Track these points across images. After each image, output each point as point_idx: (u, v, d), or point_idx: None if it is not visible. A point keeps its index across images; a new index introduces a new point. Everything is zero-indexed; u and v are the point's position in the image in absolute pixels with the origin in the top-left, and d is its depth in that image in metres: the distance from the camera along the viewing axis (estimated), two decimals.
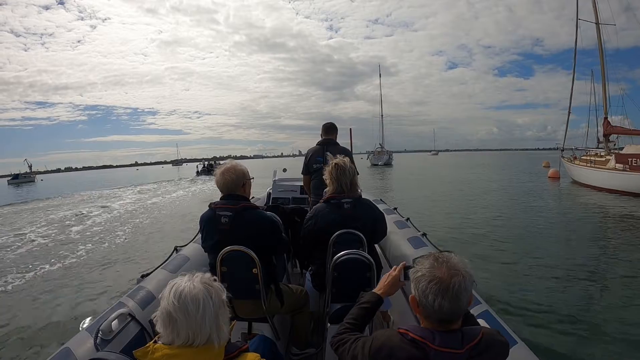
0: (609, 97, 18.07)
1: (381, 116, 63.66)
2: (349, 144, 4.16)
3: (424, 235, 2.98)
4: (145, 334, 1.81)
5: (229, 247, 1.84)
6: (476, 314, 1.67)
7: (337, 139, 3.57)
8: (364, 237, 2.04)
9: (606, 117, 17.84)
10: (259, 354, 1.06)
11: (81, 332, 1.67)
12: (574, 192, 15.26)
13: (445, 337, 0.95)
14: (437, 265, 0.99)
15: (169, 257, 2.68)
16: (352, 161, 2.90)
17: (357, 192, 2.22)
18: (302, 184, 3.91)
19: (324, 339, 2.08)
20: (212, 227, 1.95)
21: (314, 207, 2.24)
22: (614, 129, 17.42)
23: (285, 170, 22.54)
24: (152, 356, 0.96)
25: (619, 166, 13.75)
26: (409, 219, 3.55)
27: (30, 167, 71.97)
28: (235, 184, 1.97)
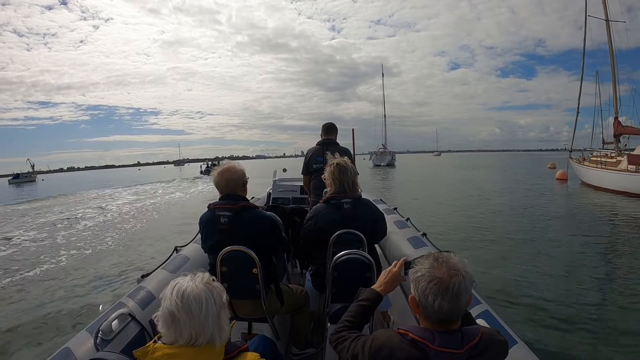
0: (619, 96, 17.58)
1: (384, 116, 62.68)
2: (351, 145, 4.15)
3: (424, 235, 2.98)
4: (145, 334, 1.81)
5: (229, 247, 1.84)
6: (476, 314, 1.67)
7: (340, 140, 3.57)
8: (364, 237, 2.04)
9: (617, 117, 17.32)
10: (258, 354, 1.06)
11: (81, 332, 1.67)
12: (584, 194, 14.73)
13: (445, 337, 0.95)
14: (437, 265, 0.99)
15: (169, 257, 2.68)
16: (352, 161, 2.91)
17: (357, 192, 2.22)
18: (302, 184, 3.91)
19: (324, 339, 2.08)
20: (211, 227, 1.95)
21: (314, 207, 2.24)
22: (625, 129, 16.91)
23: (285, 170, 22.52)
24: (152, 356, 0.96)
25: (632, 167, 13.27)
26: (409, 219, 3.55)
27: (32, 166, 71.76)
28: (235, 184, 1.97)
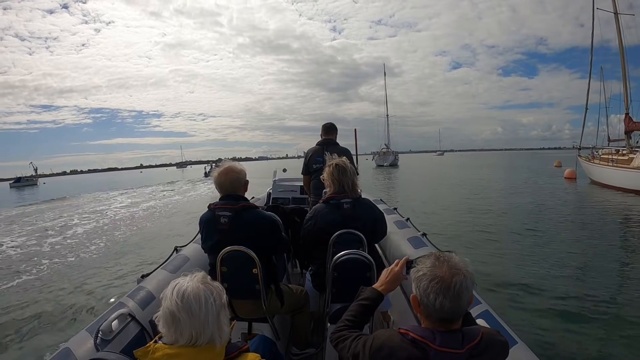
0: (629, 91, 16.92)
1: (387, 116, 61.61)
2: (354, 145, 4.14)
3: (424, 235, 2.98)
4: (145, 334, 1.81)
5: (229, 247, 1.84)
6: (476, 313, 1.67)
7: (342, 140, 3.57)
8: (363, 237, 2.04)
9: (627, 113, 16.74)
10: (259, 354, 1.06)
11: (81, 332, 1.67)
12: (595, 193, 14.16)
13: (445, 337, 0.95)
14: (439, 264, 0.99)
15: (169, 257, 2.68)
16: (352, 162, 2.91)
17: (357, 192, 2.22)
18: (302, 184, 3.91)
19: (324, 339, 2.08)
20: (211, 227, 1.95)
21: (314, 207, 2.24)
22: (637, 125, 16.32)
23: (285, 170, 22.52)
24: (152, 356, 0.96)
25: None
26: (409, 219, 3.55)
27: (35, 170, 71.44)
28: (236, 184, 1.97)
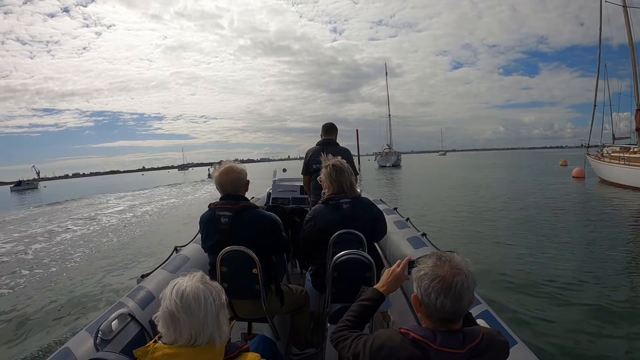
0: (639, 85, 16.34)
1: (389, 116, 60.80)
2: (355, 146, 4.15)
3: (424, 235, 2.98)
4: (145, 334, 1.81)
5: (228, 247, 1.83)
6: (476, 314, 1.66)
7: (344, 141, 3.59)
8: (363, 236, 2.04)
9: (638, 109, 16.27)
10: (259, 354, 1.06)
11: (81, 332, 1.66)
12: (606, 192, 13.66)
13: (446, 337, 0.95)
14: (440, 264, 0.99)
15: (169, 257, 2.67)
16: (352, 162, 2.91)
17: (356, 192, 2.22)
18: (302, 184, 3.91)
19: (324, 339, 2.08)
20: (211, 227, 1.94)
21: (313, 208, 2.23)
22: None
23: (285, 170, 22.46)
24: (152, 356, 0.96)
25: None
26: (408, 219, 3.55)
27: (38, 173, 71.45)
28: (237, 184, 1.97)
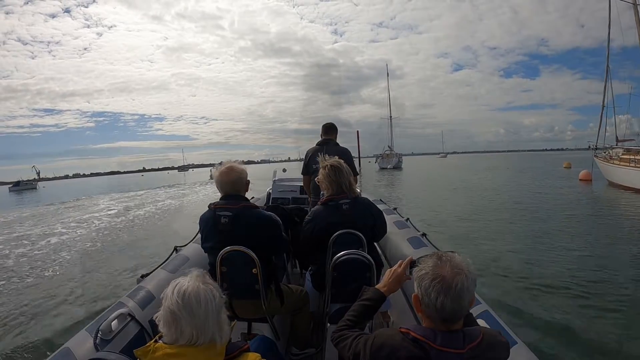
0: None
1: (390, 117, 60.19)
2: (356, 148, 4.15)
3: (424, 235, 2.97)
4: (145, 334, 1.81)
5: (229, 247, 1.83)
6: (477, 314, 1.66)
7: (345, 143, 3.57)
8: (363, 237, 2.04)
9: None
10: (259, 354, 1.05)
11: (81, 332, 1.66)
12: (617, 196, 13.44)
13: (447, 336, 0.95)
14: (441, 263, 0.99)
15: (169, 257, 2.67)
16: (351, 162, 2.90)
17: (355, 192, 2.22)
18: (302, 184, 3.91)
19: (324, 339, 2.08)
20: (212, 227, 1.94)
21: (312, 210, 2.23)
22: None
23: (285, 170, 22.46)
24: (152, 355, 0.95)
25: None
26: (408, 219, 3.55)
27: (38, 173, 71.15)
28: (237, 184, 1.97)
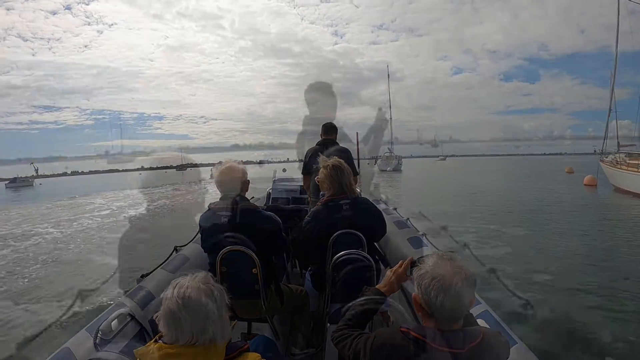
0: None
1: (390, 119, 59.29)
2: (355, 150, 4.15)
3: (424, 235, 2.97)
4: (145, 334, 1.81)
5: (228, 247, 1.83)
6: (476, 314, 1.66)
7: (345, 144, 3.57)
8: (363, 237, 2.04)
9: None
10: (259, 354, 1.06)
11: (81, 332, 1.66)
12: (625, 202, 13.32)
13: (447, 336, 0.95)
14: (441, 263, 1.00)
15: (169, 257, 2.67)
16: (351, 161, 2.91)
17: (355, 192, 2.23)
18: (301, 184, 3.91)
19: (324, 339, 2.08)
20: (211, 227, 1.94)
21: (312, 210, 2.24)
22: None
23: (284, 170, 22.39)
24: (152, 355, 0.95)
25: None
26: (408, 219, 3.55)
27: (36, 170, 70.51)
28: (237, 184, 1.97)
